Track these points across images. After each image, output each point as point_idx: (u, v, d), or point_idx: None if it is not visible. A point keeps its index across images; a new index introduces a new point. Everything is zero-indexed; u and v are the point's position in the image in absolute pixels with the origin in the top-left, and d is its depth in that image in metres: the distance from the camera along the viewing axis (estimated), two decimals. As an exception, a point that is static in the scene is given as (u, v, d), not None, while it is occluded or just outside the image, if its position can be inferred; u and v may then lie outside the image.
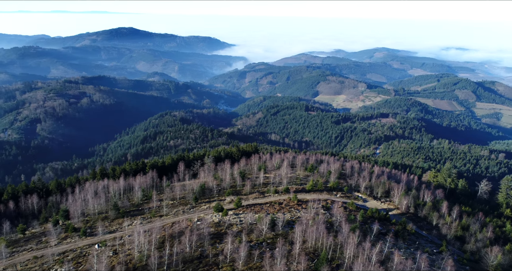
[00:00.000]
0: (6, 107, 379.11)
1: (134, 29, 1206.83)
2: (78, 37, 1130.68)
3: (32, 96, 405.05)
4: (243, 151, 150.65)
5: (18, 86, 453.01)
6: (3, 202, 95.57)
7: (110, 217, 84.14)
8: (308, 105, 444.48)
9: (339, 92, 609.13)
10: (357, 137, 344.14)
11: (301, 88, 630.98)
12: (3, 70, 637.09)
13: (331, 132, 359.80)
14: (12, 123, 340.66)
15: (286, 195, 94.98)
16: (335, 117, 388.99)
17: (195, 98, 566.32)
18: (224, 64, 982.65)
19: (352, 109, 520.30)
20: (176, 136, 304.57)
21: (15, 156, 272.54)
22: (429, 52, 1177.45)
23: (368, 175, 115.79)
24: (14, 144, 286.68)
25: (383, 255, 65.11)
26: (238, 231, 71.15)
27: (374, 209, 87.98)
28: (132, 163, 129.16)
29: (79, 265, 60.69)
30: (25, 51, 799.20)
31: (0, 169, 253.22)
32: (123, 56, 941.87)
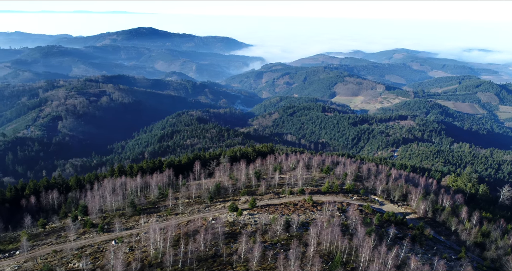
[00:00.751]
0: (29, 104, 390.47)
1: (153, 29, 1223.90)
2: (99, 37, 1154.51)
3: (54, 94, 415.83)
4: (258, 151, 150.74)
5: (41, 85, 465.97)
6: (25, 197, 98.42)
7: (127, 214, 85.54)
8: (325, 106, 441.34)
9: (357, 93, 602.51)
10: (374, 139, 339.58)
11: (318, 89, 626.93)
12: (27, 68, 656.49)
13: (348, 134, 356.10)
14: (35, 120, 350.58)
15: (301, 196, 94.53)
16: (352, 118, 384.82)
17: (212, 98, 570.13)
18: (241, 64, 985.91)
19: (369, 111, 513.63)
20: (193, 135, 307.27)
21: (37, 152, 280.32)
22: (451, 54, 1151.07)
23: (385, 178, 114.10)
24: (36, 140, 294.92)
25: (399, 260, 64.01)
26: (252, 231, 71.22)
27: (390, 213, 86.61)
28: (149, 161, 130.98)
29: (97, 260, 61.93)
30: (48, 50, 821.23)
31: (23, 164, 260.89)
32: (142, 55, 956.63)
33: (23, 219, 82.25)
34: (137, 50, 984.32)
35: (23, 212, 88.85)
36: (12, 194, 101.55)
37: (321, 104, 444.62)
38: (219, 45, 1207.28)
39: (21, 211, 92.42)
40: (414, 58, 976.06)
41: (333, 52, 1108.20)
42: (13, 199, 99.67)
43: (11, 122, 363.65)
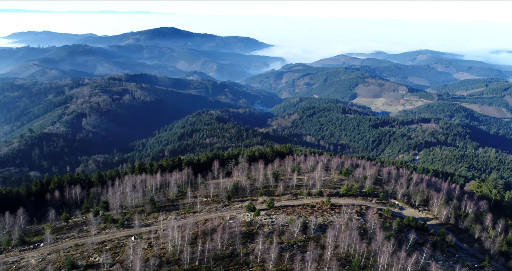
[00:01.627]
0: (55, 101, 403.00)
1: (175, 29, 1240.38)
2: (123, 36, 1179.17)
3: (79, 92, 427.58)
4: (277, 152, 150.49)
5: (67, 82, 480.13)
6: (50, 191, 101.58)
7: (146, 211, 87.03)
8: (345, 107, 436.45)
9: (378, 95, 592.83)
10: (395, 142, 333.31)
11: (338, 90, 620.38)
12: (54, 67, 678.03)
13: (368, 136, 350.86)
14: (60, 117, 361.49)
15: (319, 198, 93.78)
16: (373, 120, 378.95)
17: (232, 98, 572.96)
18: (261, 64, 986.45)
19: (391, 113, 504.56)
20: (212, 134, 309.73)
21: (62, 147, 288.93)
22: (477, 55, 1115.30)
23: (406, 182, 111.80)
24: (61, 136, 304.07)
25: (419, 266, 62.60)
26: (269, 231, 71.16)
27: (411, 218, 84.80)
28: (169, 159, 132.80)
29: (116, 255, 63.27)
30: (74, 49, 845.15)
31: (48, 159, 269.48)
32: (164, 55, 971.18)
33: (47, 212, 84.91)
34: (159, 49, 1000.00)
35: (48, 206, 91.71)
36: (38, 188, 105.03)
37: (341, 106, 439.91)
38: (239, 45, 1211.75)
39: (46, 204, 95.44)
40: (438, 59, 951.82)
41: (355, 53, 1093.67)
42: (39, 193, 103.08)
43: (38, 119, 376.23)
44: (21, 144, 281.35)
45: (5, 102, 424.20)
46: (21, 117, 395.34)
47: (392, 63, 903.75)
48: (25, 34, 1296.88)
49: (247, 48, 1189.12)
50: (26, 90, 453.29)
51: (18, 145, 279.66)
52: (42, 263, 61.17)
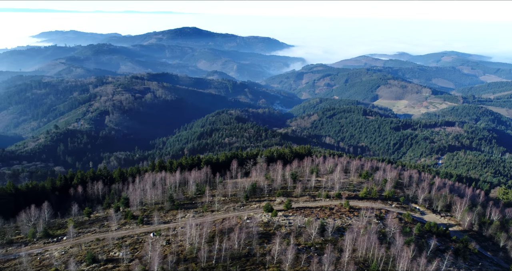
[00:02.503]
0: (80, 99, 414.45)
1: (197, 29, 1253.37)
2: (146, 36, 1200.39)
3: (103, 90, 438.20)
4: (296, 153, 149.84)
5: (91, 81, 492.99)
6: (73, 186, 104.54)
7: (165, 208, 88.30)
8: (366, 109, 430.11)
9: (401, 97, 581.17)
10: (417, 145, 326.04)
11: (359, 92, 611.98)
12: (80, 65, 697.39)
13: (389, 138, 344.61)
14: (84, 114, 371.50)
15: (337, 201, 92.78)
16: (394, 123, 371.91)
17: (252, 98, 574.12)
18: (281, 64, 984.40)
19: (413, 116, 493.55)
20: (231, 134, 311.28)
21: (85, 144, 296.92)
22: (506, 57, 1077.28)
23: (427, 186, 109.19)
24: (85, 133, 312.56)
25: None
26: (286, 232, 70.93)
27: (432, 223, 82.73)
28: (188, 158, 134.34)
29: (135, 251, 64.47)
30: (99, 48, 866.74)
31: (72, 155, 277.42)
32: (185, 54, 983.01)
33: (70, 207, 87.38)
34: (181, 49, 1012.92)
35: (71, 201, 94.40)
36: (62, 183, 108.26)
37: (362, 107, 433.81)
38: (260, 46, 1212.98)
39: (69, 199, 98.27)
40: (464, 61, 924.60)
41: (377, 54, 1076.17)
42: (63, 187, 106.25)
43: (64, 116, 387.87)
44: (47, 139, 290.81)
45: (33, 99, 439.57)
46: (48, 114, 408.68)
47: (416, 64, 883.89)
48: (53, 33, 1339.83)
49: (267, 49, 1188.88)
50: (52, 87, 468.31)
51: (44, 141, 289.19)
52: (64, 256, 62.99)
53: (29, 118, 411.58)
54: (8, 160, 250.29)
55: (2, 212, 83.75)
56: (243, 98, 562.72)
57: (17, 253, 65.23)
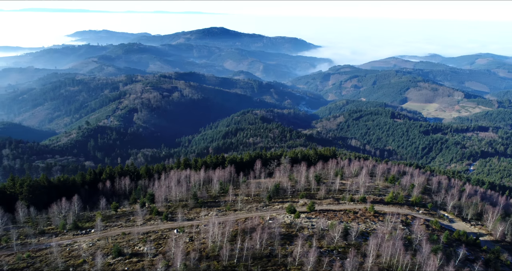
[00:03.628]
0: (111, 96, 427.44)
1: (224, 29, 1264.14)
2: (175, 36, 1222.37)
3: (132, 88, 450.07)
4: (320, 154, 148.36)
5: (121, 79, 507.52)
6: (102, 181, 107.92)
7: (189, 206, 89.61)
8: (394, 112, 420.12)
9: (431, 100, 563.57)
10: (447, 150, 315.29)
11: (388, 94, 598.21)
12: (111, 64, 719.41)
13: (418, 142, 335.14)
14: (114, 111, 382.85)
15: (362, 205, 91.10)
16: (424, 126, 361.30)
17: (277, 98, 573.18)
18: (308, 65, 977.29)
19: (444, 120, 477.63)
20: (256, 134, 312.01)
21: (114, 140, 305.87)
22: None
23: (457, 193, 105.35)
24: (114, 130, 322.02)
25: (469, 284, 58.73)
26: (309, 235, 70.35)
27: (461, 232, 79.72)
28: (212, 157, 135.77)
29: (159, 246, 65.81)
30: (129, 48, 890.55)
31: (102, 150, 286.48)
32: (212, 54, 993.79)
33: (98, 201, 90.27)
34: (209, 49, 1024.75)
35: (99, 195, 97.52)
36: (91, 177, 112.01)
37: (390, 110, 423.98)
38: (287, 46, 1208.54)
39: (98, 193, 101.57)
40: (501, 64, 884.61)
41: (407, 56, 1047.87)
42: (92, 182, 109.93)
43: (94, 112, 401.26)
44: (78, 135, 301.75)
45: (66, 96, 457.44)
46: (80, 110, 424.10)
47: (448, 67, 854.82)
48: (87, 32, 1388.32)
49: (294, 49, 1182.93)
50: (85, 85, 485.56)
51: (76, 136, 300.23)
52: (92, 248, 65.14)
53: (62, 114, 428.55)
54: (42, 154, 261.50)
55: (35, 204, 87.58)
56: (269, 98, 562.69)
57: (48, 243, 68.05)
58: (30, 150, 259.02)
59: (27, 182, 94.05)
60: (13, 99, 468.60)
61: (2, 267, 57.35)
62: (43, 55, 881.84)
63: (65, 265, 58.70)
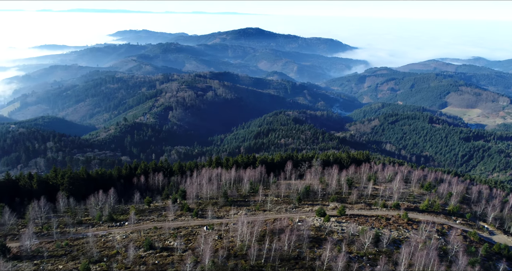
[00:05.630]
0: (148, 94, 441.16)
1: (259, 30, 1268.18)
2: (210, 36, 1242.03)
3: (168, 86, 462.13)
4: (353, 158, 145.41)
5: (158, 77, 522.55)
6: (137, 176, 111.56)
7: (219, 204, 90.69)
8: (433, 117, 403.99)
9: (473, 105, 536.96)
10: (490, 158, 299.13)
11: (426, 98, 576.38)
12: (149, 62, 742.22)
13: (457, 149, 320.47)
14: (150, 109, 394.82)
15: (395, 211, 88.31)
16: (464, 133, 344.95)
17: (310, 100, 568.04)
18: (343, 67, 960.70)
19: (487, 126, 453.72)
20: (287, 135, 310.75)
21: (150, 137, 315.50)
22: None
23: (499, 204, 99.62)
24: (150, 127, 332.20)
25: (509, 301, 55.37)
26: (338, 239, 69.14)
27: (503, 245, 75.33)
28: (244, 156, 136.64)
29: (189, 242, 67.07)
30: (167, 47, 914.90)
31: (138, 146, 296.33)
32: (247, 54, 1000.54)
33: (133, 195, 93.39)
34: (243, 49, 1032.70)
35: (134, 189, 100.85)
36: (127, 172, 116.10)
37: (428, 114, 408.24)
38: (322, 47, 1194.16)
39: (132, 187, 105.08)
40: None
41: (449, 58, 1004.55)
42: (127, 176, 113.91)
43: (132, 109, 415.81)
44: (116, 131, 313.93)
45: (106, 93, 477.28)
46: (118, 107, 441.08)
47: (493, 71, 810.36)
48: (127, 32, 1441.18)
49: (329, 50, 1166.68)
50: (124, 83, 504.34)
51: (114, 132, 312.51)
52: (125, 240, 67.48)
53: (102, 110, 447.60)
54: (83, 147, 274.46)
55: (75, 195, 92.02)
56: (302, 99, 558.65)
57: (85, 233, 71.25)
58: (71, 144, 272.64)
59: (68, 173, 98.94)
60: (58, 95, 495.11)
61: (42, 253, 60.67)
62: (86, 53, 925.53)
63: (100, 255, 61.19)
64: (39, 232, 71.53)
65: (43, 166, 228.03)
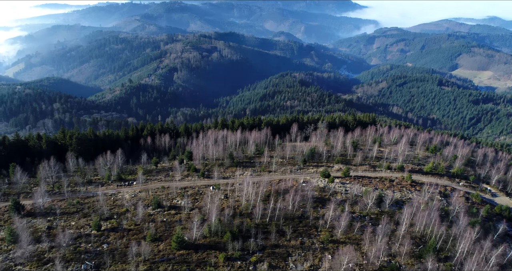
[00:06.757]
0: (152, 55, 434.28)
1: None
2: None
3: (172, 47, 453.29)
4: (359, 121, 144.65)
5: (162, 38, 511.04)
6: (143, 137, 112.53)
7: (225, 165, 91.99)
8: (442, 79, 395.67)
9: (485, 67, 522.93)
10: (498, 122, 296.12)
11: (436, 59, 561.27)
12: (153, 22, 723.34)
13: (465, 112, 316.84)
14: (155, 70, 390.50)
15: (399, 173, 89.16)
16: (474, 95, 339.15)
17: (317, 61, 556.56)
18: (352, 27, 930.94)
19: (497, 89, 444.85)
20: (293, 97, 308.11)
21: (155, 98, 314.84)
22: None
23: (504, 167, 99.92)
24: (155, 88, 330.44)
25: (505, 259, 57.10)
26: (341, 200, 70.52)
27: (504, 206, 76.54)
28: (249, 118, 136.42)
29: (196, 201, 68.92)
30: (171, 6, 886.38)
31: (143, 108, 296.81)
32: (253, 14, 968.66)
33: (140, 155, 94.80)
34: (249, 8, 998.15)
35: (141, 150, 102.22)
36: (134, 133, 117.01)
37: (437, 77, 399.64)
38: (331, 6, 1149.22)
39: (139, 148, 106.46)
40: None
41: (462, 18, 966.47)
42: (134, 137, 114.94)
43: (137, 70, 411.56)
44: (121, 92, 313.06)
45: (110, 54, 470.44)
46: (123, 68, 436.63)
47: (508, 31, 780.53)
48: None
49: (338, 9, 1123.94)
50: (128, 43, 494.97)
51: (119, 93, 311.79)
52: (134, 199, 69.51)
53: (106, 71, 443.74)
54: (89, 109, 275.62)
55: (83, 155, 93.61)
56: (309, 61, 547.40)
57: (95, 191, 73.35)
58: (78, 105, 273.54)
59: (76, 134, 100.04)
60: (62, 56, 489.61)
61: (55, 210, 62.92)
62: (89, 12, 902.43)
63: (110, 212, 63.33)
64: (51, 190, 73.74)
65: (51, 127, 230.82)
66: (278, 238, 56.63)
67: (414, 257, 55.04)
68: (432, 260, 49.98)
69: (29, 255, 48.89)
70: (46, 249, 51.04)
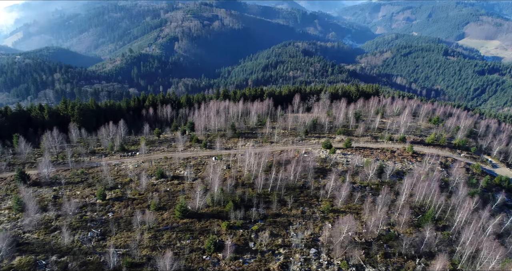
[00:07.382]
0: (152, 24, 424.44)
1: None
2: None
3: (173, 15, 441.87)
4: (362, 91, 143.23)
5: (162, 6, 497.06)
6: (145, 108, 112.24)
7: (227, 135, 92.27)
8: (448, 48, 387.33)
9: (492, 37, 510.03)
10: (503, 93, 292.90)
11: (443, 28, 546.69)
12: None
13: (470, 83, 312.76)
14: (156, 39, 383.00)
15: (401, 144, 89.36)
16: (479, 66, 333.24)
17: (321, 30, 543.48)
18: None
19: (504, 59, 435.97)
20: (296, 67, 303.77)
21: (156, 68, 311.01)
22: None
23: (506, 138, 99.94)
24: (156, 58, 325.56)
25: (502, 229, 58.35)
26: (343, 170, 71.16)
27: (504, 177, 77.19)
28: (251, 89, 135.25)
29: (198, 171, 69.75)
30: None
31: (145, 78, 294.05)
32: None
33: (142, 126, 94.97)
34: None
35: (143, 120, 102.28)
36: (135, 104, 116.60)
37: (443, 46, 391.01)
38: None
39: (141, 119, 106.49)
40: None
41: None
42: (136, 108, 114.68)
43: (137, 40, 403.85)
44: (122, 62, 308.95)
45: (109, 23, 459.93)
46: (123, 37, 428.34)
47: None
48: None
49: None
50: (127, 11, 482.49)
51: (120, 63, 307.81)
52: (137, 169, 70.37)
53: (106, 40, 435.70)
54: (90, 79, 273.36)
55: (85, 126, 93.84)
56: (312, 30, 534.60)
57: (98, 162, 74.15)
58: (78, 75, 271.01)
59: (78, 105, 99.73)
60: (60, 24, 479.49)
61: (60, 180, 63.93)
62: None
63: (114, 182, 64.34)
64: (55, 160, 74.58)
65: (52, 97, 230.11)
66: (280, 207, 57.75)
67: (413, 226, 56.25)
68: (430, 229, 51.08)
69: (36, 223, 50.24)
70: (53, 217, 52.35)
